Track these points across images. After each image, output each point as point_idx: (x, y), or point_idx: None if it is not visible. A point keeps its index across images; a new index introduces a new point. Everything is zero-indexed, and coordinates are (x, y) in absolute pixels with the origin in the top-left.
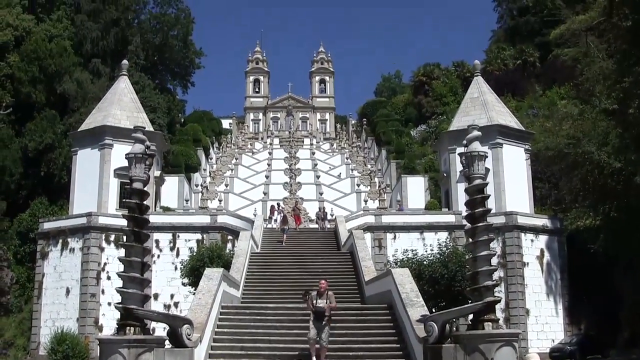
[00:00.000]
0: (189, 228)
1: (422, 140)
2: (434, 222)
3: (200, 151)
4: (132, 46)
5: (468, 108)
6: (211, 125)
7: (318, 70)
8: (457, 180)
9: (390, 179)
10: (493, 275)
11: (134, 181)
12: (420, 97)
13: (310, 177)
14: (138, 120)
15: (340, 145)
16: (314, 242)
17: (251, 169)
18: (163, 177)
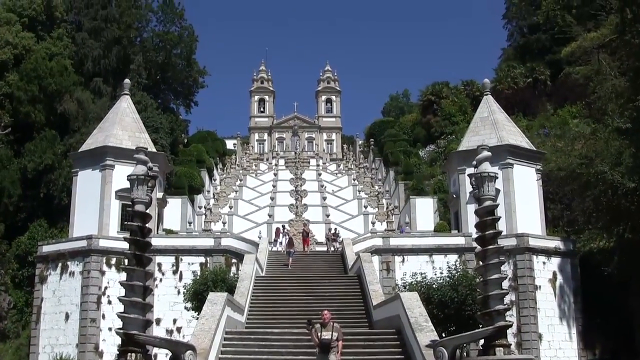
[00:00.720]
0: (192, 251)
1: (431, 161)
2: (444, 245)
3: (204, 172)
4: (134, 65)
5: (478, 128)
6: (215, 146)
7: (324, 90)
8: (466, 202)
9: (399, 201)
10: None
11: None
12: (429, 116)
13: (317, 198)
14: (140, 140)
15: (347, 166)
16: (321, 265)
17: (256, 190)
18: (166, 199)
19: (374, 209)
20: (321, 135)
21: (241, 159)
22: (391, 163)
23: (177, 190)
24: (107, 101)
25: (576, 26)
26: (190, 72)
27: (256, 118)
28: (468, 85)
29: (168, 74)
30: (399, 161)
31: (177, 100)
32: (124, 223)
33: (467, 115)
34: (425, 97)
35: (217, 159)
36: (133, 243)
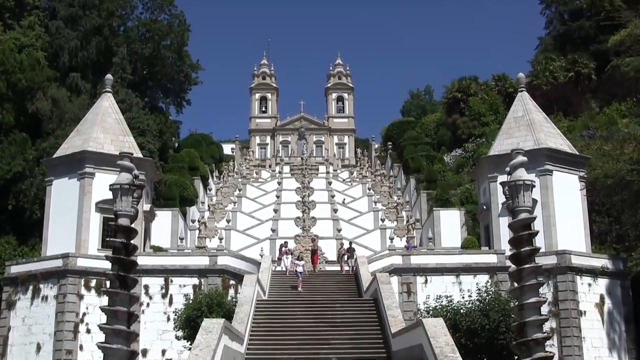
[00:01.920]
0: (184, 271)
1: (458, 167)
2: (472, 264)
3: (198, 181)
4: (117, 58)
5: (511, 129)
6: (210, 151)
7: (335, 86)
8: (499, 214)
9: (420, 213)
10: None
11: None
12: (455, 116)
13: (327, 211)
14: (124, 145)
15: (361, 173)
16: (331, 287)
17: (257, 201)
18: (154, 212)
19: (393, 223)
20: (331, 139)
21: (240, 166)
22: (412, 170)
23: (166, 201)
24: (86, 100)
25: (626, 11)
26: (181, 67)
27: (257, 119)
28: (500, 80)
29: (156, 68)
30: (421, 168)
31: (166, 98)
32: (106, 239)
33: (499, 115)
34: (450, 94)
35: (213, 166)
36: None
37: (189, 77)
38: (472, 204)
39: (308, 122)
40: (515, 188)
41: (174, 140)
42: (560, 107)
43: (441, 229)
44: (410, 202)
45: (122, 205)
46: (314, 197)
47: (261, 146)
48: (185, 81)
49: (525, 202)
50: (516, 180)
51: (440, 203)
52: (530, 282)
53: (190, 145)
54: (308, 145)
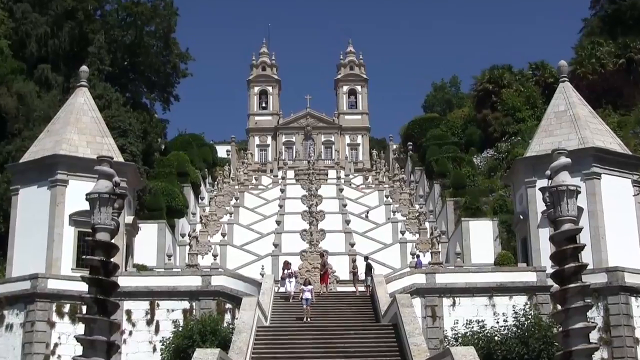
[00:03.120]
0: (173, 294)
1: (489, 171)
2: (508, 283)
3: (188, 189)
4: (93, 47)
5: (552, 126)
6: (202, 154)
7: (346, 78)
8: (538, 225)
9: (447, 224)
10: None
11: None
12: (486, 111)
13: (338, 222)
14: (102, 147)
15: (377, 178)
16: (344, 311)
17: (257, 212)
18: (137, 225)
19: (414, 236)
20: (343, 139)
21: (237, 171)
22: (436, 174)
23: (152, 212)
24: (57, 95)
25: None
26: (168, 57)
27: (256, 116)
28: (538, 69)
29: (139, 59)
30: (447, 171)
31: (151, 93)
32: (82, 257)
33: (537, 110)
34: (480, 86)
35: (206, 171)
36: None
37: (177, 68)
38: (507, 213)
39: (315, 120)
40: (557, 194)
41: (161, 141)
42: (609, 100)
43: (471, 243)
44: (434, 212)
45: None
46: (322, 207)
47: (261, 148)
48: (173, 73)
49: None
50: (558, 186)
51: (469, 212)
52: (576, 305)
53: (179, 147)
54: (315, 146)
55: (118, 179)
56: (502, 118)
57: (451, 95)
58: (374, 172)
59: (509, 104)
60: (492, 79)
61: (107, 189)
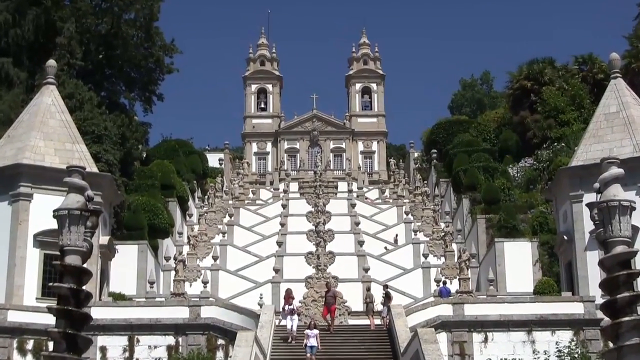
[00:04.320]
0: (156, 327)
1: (528, 183)
2: (550, 315)
3: (174, 204)
4: (62, 38)
5: (601, 130)
6: (191, 163)
7: (359, 74)
8: (585, 247)
9: (477, 246)
10: None
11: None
12: (524, 113)
13: (349, 243)
14: (73, 155)
15: (395, 192)
16: (356, 349)
17: (254, 231)
18: (114, 246)
19: (439, 259)
20: (355, 145)
21: (231, 183)
22: (465, 187)
23: (131, 232)
24: (20, 94)
25: None
26: (150, 49)
27: (254, 119)
28: (585, 63)
29: (116, 51)
30: (477, 184)
31: (130, 92)
32: (48, 285)
33: (584, 111)
34: (516, 83)
35: (195, 184)
36: (62, 316)
37: (160, 63)
38: (549, 233)
39: (323, 123)
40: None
41: (141, 148)
42: None
43: (506, 268)
44: (462, 231)
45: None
46: (331, 225)
47: (259, 156)
48: (156, 69)
49: (621, 230)
50: (609, 201)
51: (504, 232)
52: (631, 342)
53: (163, 155)
54: (323, 154)
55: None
56: (543, 121)
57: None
58: (391, 185)
59: (550, 105)
60: (530, 75)
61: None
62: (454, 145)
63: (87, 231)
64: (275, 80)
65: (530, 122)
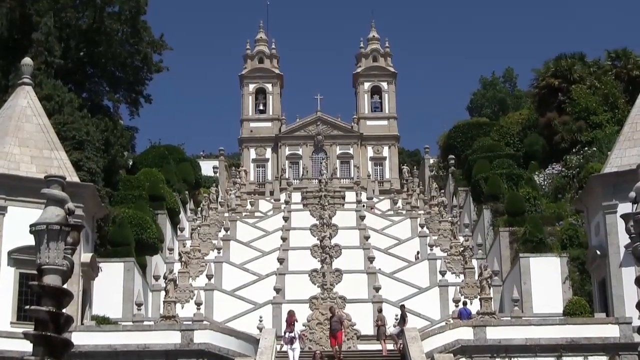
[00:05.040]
0: (144, 354)
1: (556, 192)
2: (582, 339)
3: (163, 217)
4: (39, 33)
5: (637, 133)
6: (182, 172)
7: (368, 72)
8: (620, 263)
9: (500, 262)
10: None
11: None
12: (551, 114)
13: (358, 259)
14: (52, 163)
15: (409, 202)
16: None
17: (253, 247)
18: (97, 265)
19: (458, 277)
20: (364, 151)
21: (227, 194)
22: (486, 196)
23: (117, 248)
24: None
25: None
26: (137, 46)
27: (252, 122)
28: (618, 58)
29: (99, 48)
30: (500, 193)
31: (115, 93)
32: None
33: (618, 112)
34: (543, 81)
35: (186, 194)
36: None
37: (148, 61)
38: (579, 247)
39: (328, 127)
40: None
41: (127, 156)
42: None
43: (532, 286)
44: (484, 246)
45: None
46: (338, 240)
47: (258, 163)
48: (144, 67)
49: None
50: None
51: (530, 247)
52: None
53: (151, 163)
54: (329, 160)
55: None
56: (572, 123)
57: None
58: (404, 194)
59: (580, 105)
60: (558, 72)
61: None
62: (474, 150)
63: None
64: (275, 79)
65: (558, 125)
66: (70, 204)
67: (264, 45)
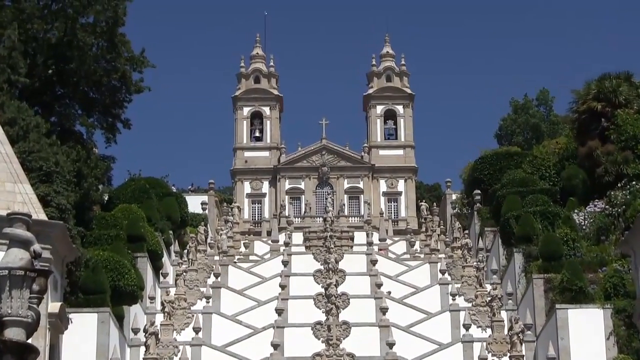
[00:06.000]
0: None
1: (598, 233)
2: None
3: (144, 260)
4: (1, 47)
5: None
6: (166, 208)
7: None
8: None
9: (534, 314)
10: None
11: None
12: (592, 143)
13: (369, 310)
14: (15, 198)
15: (428, 244)
16: None
17: (247, 295)
18: (67, 316)
19: (484, 331)
20: (376, 184)
21: (218, 234)
22: (517, 238)
23: (90, 297)
24: None
25: None
26: (114, 63)
27: (246, 151)
28: None
29: (70, 65)
30: (533, 234)
31: (89, 117)
32: None
33: None
34: (584, 104)
35: (171, 235)
36: None
37: (127, 80)
38: (626, 297)
39: (335, 157)
40: None
41: (103, 189)
42: None
43: (571, 342)
44: (514, 295)
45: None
46: (346, 287)
47: (254, 199)
48: (122, 87)
49: None
50: None
51: (568, 296)
52: None
53: (130, 198)
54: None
55: (38, 246)
56: (618, 153)
57: (539, 118)
58: (423, 236)
59: (627, 132)
60: (601, 94)
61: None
62: (503, 184)
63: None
64: (274, 101)
65: (601, 155)
66: (37, 245)
67: (260, 62)
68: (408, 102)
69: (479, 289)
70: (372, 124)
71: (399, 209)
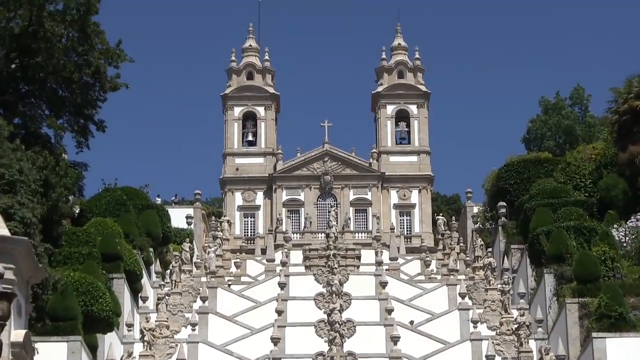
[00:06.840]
0: None
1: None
2: None
3: (120, 282)
4: None
5: None
6: (146, 223)
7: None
8: None
9: (567, 343)
10: None
11: None
12: (634, 148)
13: (378, 339)
14: None
15: (446, 264)
16: None
17: (238, 322)
18: (33, 345)
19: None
20: (386, 195)
21: (205, 252)
22: (547, 257)
23: (58, 324)
24: None
25: None
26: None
27: (238, 157)
28: None
29: (36, 59)
30: (566, 252)
31: (57, 119)
32: None
33: None
34: (624, 104)
35: (151, 253)
36: None
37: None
38: None
39: (339, 164)
40: None
41: (73, 201)
42: None
43: None
44: (545, 322)
45: None
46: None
47: (246, 212)
48: (95, 84)
49: None
50: None
51: (606, 323)
52: None
53: (105, 211)
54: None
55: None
56: None
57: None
58: (440, 254)
59: None
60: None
61: None
62: (532, 195)
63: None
64: (269, 100)
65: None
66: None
67: (254, 56)
68: (423, 102)
69: (504, 315)
70: (382, 127)
71: (413, 223)
